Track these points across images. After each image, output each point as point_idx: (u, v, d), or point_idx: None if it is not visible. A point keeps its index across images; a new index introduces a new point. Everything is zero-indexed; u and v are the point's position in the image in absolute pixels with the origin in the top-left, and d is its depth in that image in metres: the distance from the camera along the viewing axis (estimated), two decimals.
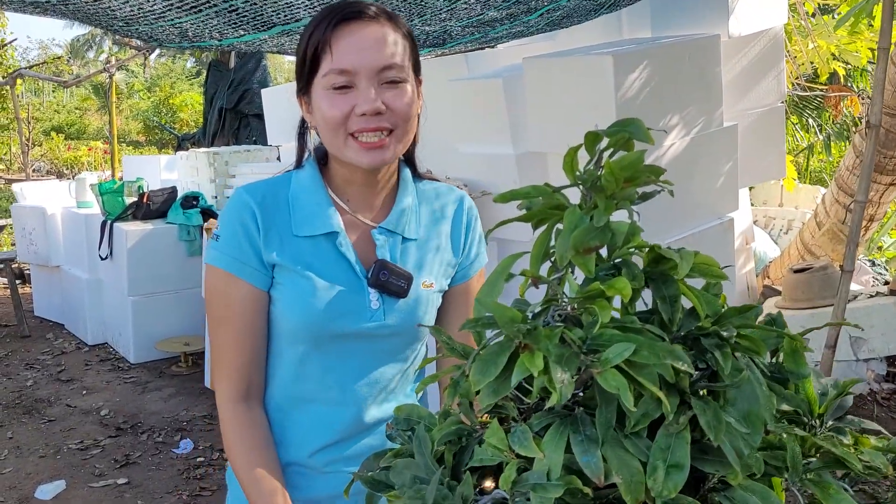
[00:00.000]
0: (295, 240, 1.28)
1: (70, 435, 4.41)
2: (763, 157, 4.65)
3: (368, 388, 1.33)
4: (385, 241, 1.31)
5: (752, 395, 0.73)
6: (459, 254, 1.41)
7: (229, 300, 1.28)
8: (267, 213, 1.27)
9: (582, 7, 3.52)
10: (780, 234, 6.14)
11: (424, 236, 1.36)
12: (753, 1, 4.34)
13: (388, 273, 1.28)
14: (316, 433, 1.33)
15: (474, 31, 3.64)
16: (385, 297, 1.29)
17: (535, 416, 0.73)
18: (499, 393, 0.72)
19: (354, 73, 1.19)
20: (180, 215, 5.63)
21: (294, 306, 1.27)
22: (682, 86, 3.78)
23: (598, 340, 0.72)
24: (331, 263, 1.28)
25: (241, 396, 1.29)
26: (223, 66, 11.69)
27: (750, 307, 0.81)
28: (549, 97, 3.75)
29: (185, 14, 2.75)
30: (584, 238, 0.78)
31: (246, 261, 1.26)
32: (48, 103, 27.54)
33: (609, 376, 0.67)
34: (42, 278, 6.81)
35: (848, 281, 3.46)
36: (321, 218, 1.28)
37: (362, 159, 1.22)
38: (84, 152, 18.30)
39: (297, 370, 1.32)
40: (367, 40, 1.20)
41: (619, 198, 0.82)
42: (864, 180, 3.41)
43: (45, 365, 5.63)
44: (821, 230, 4.82)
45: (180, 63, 34.31)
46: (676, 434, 0.69)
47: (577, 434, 0.70)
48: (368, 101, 1.19)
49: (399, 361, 1.36)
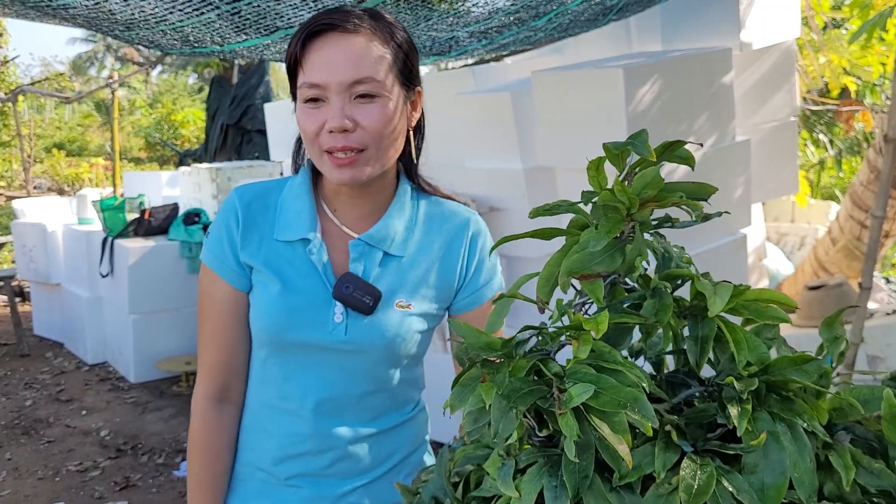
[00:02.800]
0: (273, 243, 1.28)
1: (69, 456, 4.32)
2: (776, 172, 4.58)
3: (331, 406, 1.28)
4: (361, 255, 1.27)
5: (779, 465, 0.63)
6: (457, 279, 1.34)
7: (211, 296, 1.31)
8: (251, 214, 1.29)
9: (589, 12, 3.47)
10: (793, 251, 6.07)
11: (413, 255, 1.30)
12: (765, 14, 4.28)
13: (352, 287, 1.24)
14: (277, 441, 1.30)
15: (481, 37, 3.58)
16: (349, 312, 1.25)
17: (525, 451, 0.69)
18: (479, 421, 0.70)
19: (325, 87, 1.18)
20: (182, 232, 5.56)
21: (259, 309, 1.28)
22: (693, 100, 3.72)
23: (572, 378, 0.66)
24: (302, 270, 1.27)
25: (214, 396, 1.31)
26: (226, 82, 11.68)
27: (809, 358, 0.70)
28: (559, 111, 3.69)
29: (186, 17, 2.70)
30: (582, 263, 0.74)
31: (224, 259, 1.29)
32: (50, 120, 27.59)
33: (564, 420, 0.62)
34: (42, 296, 6.73)
35: (866, 298, 3.38)
36: (300, 224, 1.27)
37: (333, 175, 1.21)
38: (85, 169, 18.29)
39: (262, 374, 1.32)
40: (336, 54, 1.17)
41: (635, 219, 0.77)
42: (882, 196, 3.33)
43: (45, 384, 5.54)
44: (835, 246, 4.74)
45: (182, 79, 34.41)
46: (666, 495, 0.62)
47: (552, 479, 0.65)
48: (335, 119, 1.17)
49: (368, 382, 1.29)
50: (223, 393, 1.32)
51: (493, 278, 1.37)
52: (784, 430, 0.65)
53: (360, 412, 1.30)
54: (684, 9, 4.19)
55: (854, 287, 4.28)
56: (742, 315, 0.74)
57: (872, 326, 4.00)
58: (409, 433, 1.38)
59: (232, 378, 1.32)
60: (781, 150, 4.62)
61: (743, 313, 0.73)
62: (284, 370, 1.28)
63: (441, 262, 1.32)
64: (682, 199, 0.78)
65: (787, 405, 0.67)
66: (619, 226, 0.74)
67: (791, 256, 6.02)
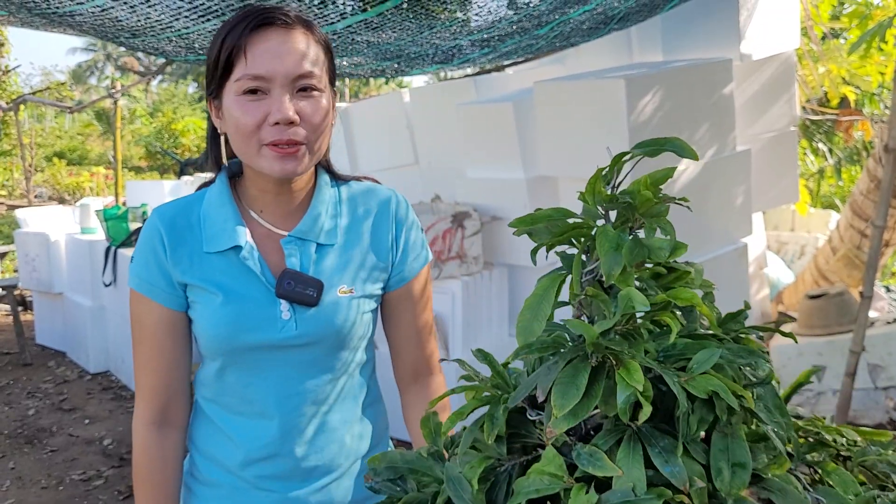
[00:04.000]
0: (205, 257, 1.26)
1: (72, 465, 4.32)
2: (776, 181, 4.61)
3: (295, 401, 1.29)
4: (295, 250, 1.28)
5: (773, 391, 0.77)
6: (388, 256, 1.35)
7: (142, 321, 1.29)
8: (175, 233, 1.27)
9: (591, 21, 3.50)
10: (794, 260, 6.08)
11: (343, 241, 1.32)
12: (765, 25, 4.32)
13: (293, 282, 1.24)
14: (244, 446, 1.29)
15: (484, 45, 3.61)
16: (296, 307, 1.25)
17: (597, 436, 0.73)
18: (578, 416, 0.70)
19: (269, 80, 1.17)
20: None
21: (206, 322, 1.26)
22: (694, 110, 3.74)
23: (672, 351, 0.74)
24: (239, 277, 1.26)
25: (155, 420, 1.30)
26: None
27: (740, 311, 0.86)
28: (560, 121, 3.72)
29: (192, 23, 2.72)
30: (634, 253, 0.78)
31: (154, 282, 1.26)
32: (50, 129, 27.64)
33: (701, 381, 0.69)
34: (44, 305, 6.74)
35: (867, 307, 3.40)
36: (227, 232, 1.26)
37: (275, 167, 1.20)
38: (86, 178, 18.33)
39: (219, 384, 1.30)
40: (283, 47, 1.18)
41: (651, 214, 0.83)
42: (883, 205, 3.36)
43: (47, 394, 5.55)
44: (835, 255, 4.76)
45: (182, 88, 34.50)
46: (732, 434, 0.71)
47: (652, 447, 0.69)
48: (282, 110, 1.16)
49: (325, 372, 1.30)
50: (163, 416, 1.30)
51: (421, 252, 1.39)
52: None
53: (322, 403, 1.31)
54: (685, 20, 4.23)
55: (855, 296, 4.29)
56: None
57: (873, 335, 4.01)
58: (372, 422, 1.38)
59: (171, 400, 1.31)
60: (781, 159, 4.64)
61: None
62: (242, 376, 1.28)
63: (372, 242, 1.34)
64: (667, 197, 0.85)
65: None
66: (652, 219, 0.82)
67: (791, 265, 6.04)
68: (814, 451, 0.81)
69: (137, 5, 2.70)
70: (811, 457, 0.81)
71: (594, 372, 0.72)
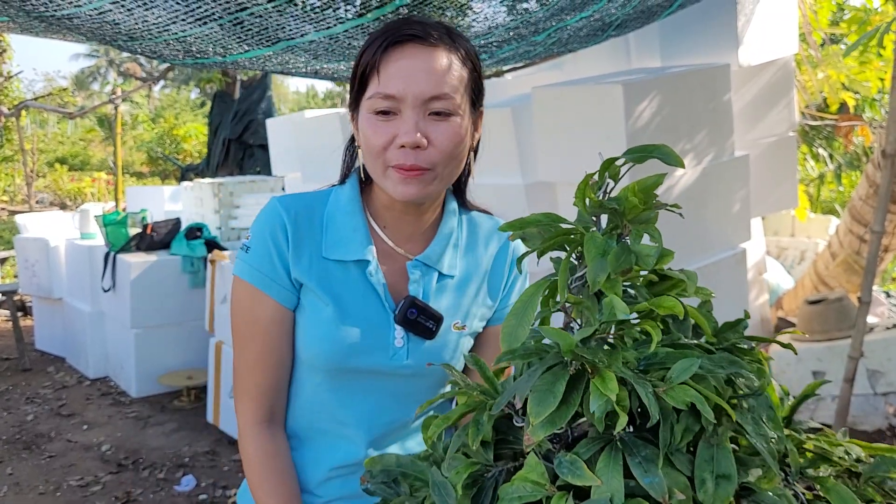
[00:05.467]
0: (324, 262, 1.21)
1: (70, 471, 4.32)
2: (775, 186, 4.60)
3: (385, 429, 1.26)
4: (420, 277, 1.23)
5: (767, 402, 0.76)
6: (498, 296, 1.31)
7: (255, 317, 1.21)
8: (299, 228, 1.21)
9: (588, 28, 3.50)
10: (793, 265, 6.08)
11: (463, 274, 1.27)
12: (763, 30, 4.32)
13: (416, 311, 1.20)
14: (326, 465, 1.26)
15: (481, 51, 3.61)
16: (411, 336, 1.21)
17: (579, 444, 0.72)
18: (555, 424, 0.70)
19: (400, 100, 1.12)
20: (184, 246, 5.57)
21: (315, 334, 1.20)
22: (692, 115, 3.74)
23: (654, 360, 0.73)
24: (358, 293, 1.21)
25: (264, 419, 1.24)
26: (228, 97, 11.72)
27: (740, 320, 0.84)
28: (559, 126, 3.71)
29: (189, 27, 2.73)
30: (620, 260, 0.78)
31: (274, 277, 1.20)
32: (52, 135, 27.67)
33: (679, 392, 0.68)
34: (44, 311, 6.74)
35: (865, 312, 3.39)
36: (354, 243, 1.21)
37: (398, 190, 1.15)
38: (87, 183, 18.34)
39: (312, 400, 1.25)
40: (417, 66, 1.12)
41: (639, 221, 0.82)
42: (881, 210, 3.35)
43: (46, 399, 5.54)
44: (835, 261, 4.75)
45: (184, 94, 34.55)
46: (718, 445, 0.70)
47: (633, 457, 0.69)
48: (409, 134, 1.11)
49: (419, 403, 1.26)
50: (271, 415, 1.25)
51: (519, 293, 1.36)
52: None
53: (407, 430, 1.28)
54: (683, 25, 4.23)
55: (854, 301, 4.29)
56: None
57: (872, 341, 4.01)
58: None
59: (279, 400, 1.26)
60: (781, 164, 4.64)
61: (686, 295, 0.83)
62: (341, 397, 1.24)
63: (488, 280, 1.30)
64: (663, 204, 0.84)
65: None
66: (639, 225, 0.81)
67: (791, 270, 6.03)
68: (816, 466, 0.79)
69: (134, 9, 2.70)
70: (812, 471, 0.78)
71: (573, 380, 0.71)
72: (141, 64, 29.61)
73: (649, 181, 0.80)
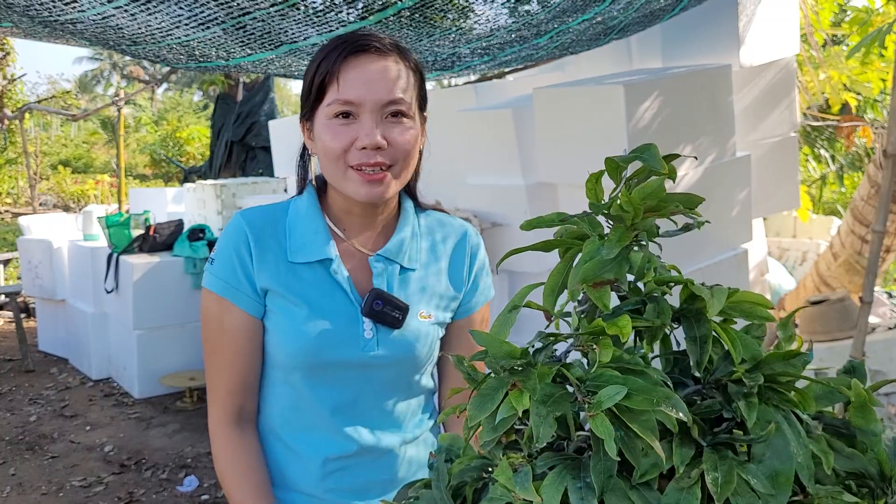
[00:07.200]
0: (290, 266, 1.27)
1: (73, 472, 4.33)
2: (777, 187, 4.60)
3: (367, 418, 1.31)
4: (383, 269, 1.30)
5: (785, 452, 0.66)
6: (461, 288, 1.38)
7: (222, 325, 1.27)
8: (261, 238, 1.27)
9: (591, 30, 3.50)
10: (795, 266, 6.07)
11: (424, 267, 1.34)
12: (764, 31, 4.32)
13: (382, 302, 1.26)
14: (316, 461, 1.30)
15: (483, 53, 3.62)
16: (379, 327, 1.27)
17: (541, 456, 0.70)
18: (499, 430, 0.69)
19: (359, 105, 1.19)
20: (187, 248, 5.59)
21: (287, 334, 1.26)
22: (694, 116, 3.74)
23: (597, 382, 0.68)
24: (325, 291, 1.27)
25: (232, 420, 1.29)
26: (230, 100, 11.75)
27: (796, 353, 0.74)
28: (560, 127, 3.72)
29: (192, 31, 2.74)
30: (595, 271, 0.76)
31: (239, 287, 1.26)
32: (56, 137, 27.74)
33: (598, 421, 0.63)
34: (47, 312, 6.76)
35: (867, 313, 3.38)
36: (316, 244, 1.27)
37: (360, 191, 1.22)
38: (91, 186, 18.38)
39: (292, 399, 1.30)
40: (374, 73, 1.20)
41: (638, 228, 0.79)
42: (882, 210, 3.35)
43: (49, 400, 5.56)
44: (837, 261, 4.75)
45: (187, 97, 34.61)
46: (687, 489, 0.64)
47: (576, 480, 0.66)
48: (370, 136, 1.18)
49: (399, 391, 1.33)
50: (238, 416, 1.30)
51: (487, 287, 1.43)
52: (782, 419, 0.68)
53: (392, 421, 1.33)
54: (684, 26, 4.23)
55: (856, 302, 4.28)
56: (731, 316, 0.77)
57: (874, 341, 4.00)
58: (433, 443, 1.40)
59: (248, 402, 1.31)
60: (782, 165, 4.64)
61: (733, 314, 0.77)
62: (319, 392, 1.28)
63: (449, 271, 1.37)
64: (678, 208, 0.81)
65: (784, 396, 0.70)
66: (628, 234, 0.77)
67: (793, 271, 6.03)
68: None
69: (138, 13, 2.71)
70: None
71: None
72: (144, 67, 29.67)
73: (650, 188, 0.78)
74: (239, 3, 2.56)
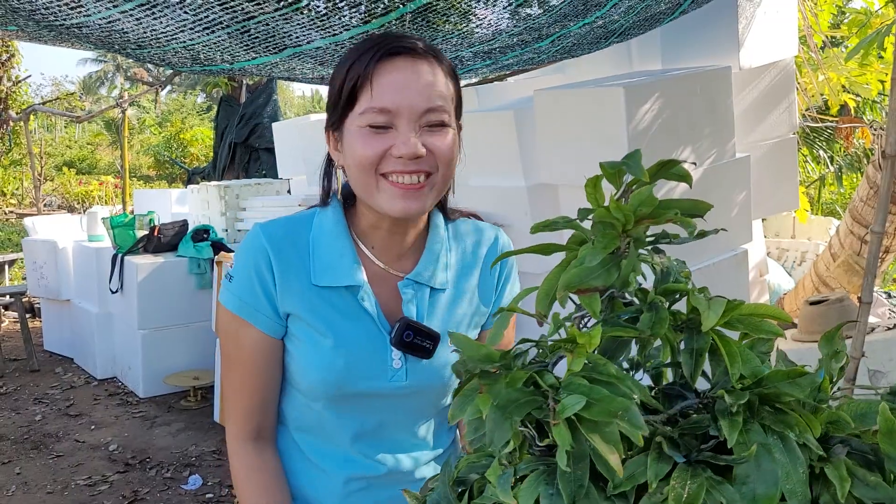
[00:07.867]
0: (314, 290, 1.18)
1: (78, 470, 4.37)
2: (776, 188, 4.63)
3: (392, 442, 1.28)
4: (412, 295, 1.22)
5: (770, 474, 0.63)
6: (489, 301, 1.31)
7: (239, 343, 1.21)
8: (283, 257, 1.18)
9: (592, 34, 3.53)
10: (794, 266, 6.09)
11: (454, 286, 1.27)
12: (763, 33, 4.35)
13: (412, 333, 1.19)
14: (339, 479, 1.27)
15: (485, 57, 3.65)
16: (408, 357, 1.21)
17: (524, 459, 0.69)
18: (479, 430, 0.69)
19: (395, 114, 1.09)
20: (191, 248, 5.63)
21: (311, 364, 1.20)
22: (693, 117, 3.77)
23: (568, 389, 0.66)
24: (352, 319, 1.19)
25: (250, 436, 1.25)
26: (234, 101, 11.79)
27: (802, 372, 0.70)
28: (561, 129, 3.75)
29: (197, 35, 2.77)
30: (580, 277, 0.75)
31: (259, 308, 1.19)
32: (60, 139, 27.82)
33: (557, 430, 0.63)
34: (52, 312, 6.80)
35: (866, 313, 3.40)
36: (343, 268, 1.19)
37: (395, 205, 1.11)
38: (95, 187, 18.43)
39: (315, 423, 1.27)
40: (412, 79, 1.10)
41: (631, 236, 0.78)
42: (881, 211, 3.36)
43: (54, 399, 5.60)
44: (836, 262, 4.77)
45: (191, 98, 34.65)
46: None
47: (549, 487, 0.65)
48: (408, 145, 1.08)
49: (425, 416, 1.30)
50: (257, 432, 1.25)
51: (511, 295, 1.34)
52: (776, 442, 0.66)
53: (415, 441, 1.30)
54: (684, 28, 4.26)
55: (855, 302, 4.31)
56: (737, 329, 0.75)
57: (873, 341, 4.02)
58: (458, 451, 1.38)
59: (266, 419, 1.26)
60: (781, 166, 4.66)
61: (738, 327, 0.74)
62: (342, 419, 1.24)
63: (480, 287, 1.30)
64: (677, 216, 0.80)
65: (780, 417, 0.67)
66: (614, 242, 0.76)
67: (792, 272, 6.04)
68: None
69: (143, 17, 2.74)
70: None
71: None
72: (148, 69, 29.70)
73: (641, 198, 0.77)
74: (244, 7, 2.59)
